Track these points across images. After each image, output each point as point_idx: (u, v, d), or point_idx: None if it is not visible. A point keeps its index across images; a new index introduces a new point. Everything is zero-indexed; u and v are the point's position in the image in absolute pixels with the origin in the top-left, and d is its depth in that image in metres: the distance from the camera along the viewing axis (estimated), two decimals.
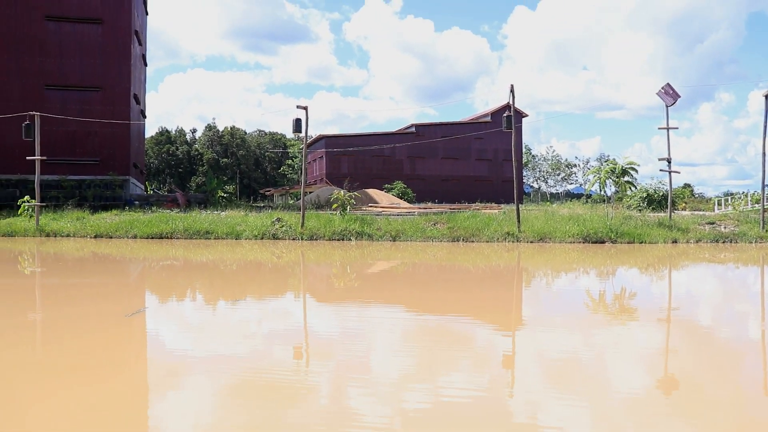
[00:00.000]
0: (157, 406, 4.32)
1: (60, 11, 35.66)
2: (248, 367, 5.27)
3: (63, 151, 33.81)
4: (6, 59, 34.89)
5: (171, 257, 16.67)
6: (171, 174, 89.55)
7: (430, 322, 7.66)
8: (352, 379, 4.92)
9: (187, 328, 7.24)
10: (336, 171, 59.69)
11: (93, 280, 12.01)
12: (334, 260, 16.15)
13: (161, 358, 5.78)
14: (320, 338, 6.73)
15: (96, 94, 35.58)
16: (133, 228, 22.61)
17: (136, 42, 39.43)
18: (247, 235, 21.70)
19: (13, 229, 23.53)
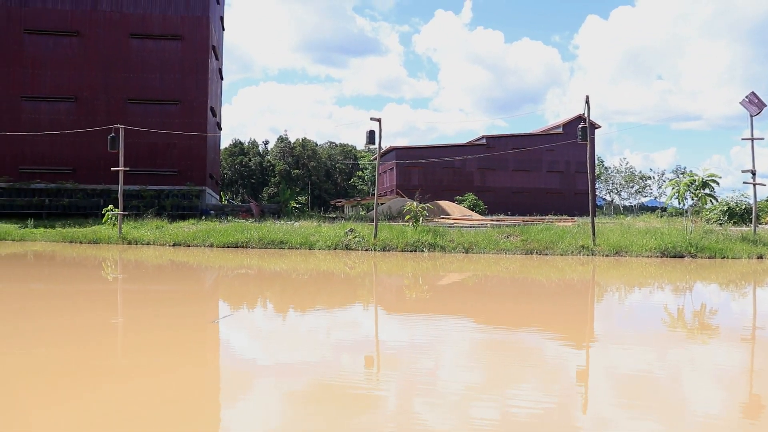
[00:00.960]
0: (227, 410, 4.41)
1: (143, 29, 37.23)
2: (317, 376, 5.30)
3: (144, 162, 35.17)
4: (94, 76, 36.66)
5: (246, 266, 17.00)
6: (244, 185, 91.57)
7: (500, 334, 7.58)
8: (420, 390, 4.90)
9: (258, 335, 7.35)
10: (406, 182, 59.91)
11: (171, 287, 12.41)
12: (406, 271, 16.20)
13: (233, 364, 5.90)
14: (389, 348, 6.73)
15: (175, 107, 36.91)
16: (210, 237, 23.30)
17: (213, 57, 40.69)
18: (320, 246, 22.02)
19: (98, 237, 24.60)
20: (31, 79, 36.87)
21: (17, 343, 6.53)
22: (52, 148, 36.45)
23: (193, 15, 37.87)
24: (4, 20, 36.99)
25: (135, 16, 37.53)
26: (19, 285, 12.32)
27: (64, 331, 7.29)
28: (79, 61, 37.11)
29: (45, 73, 36.97)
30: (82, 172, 36.41)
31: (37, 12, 37.11)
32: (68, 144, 36.15)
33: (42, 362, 5.67)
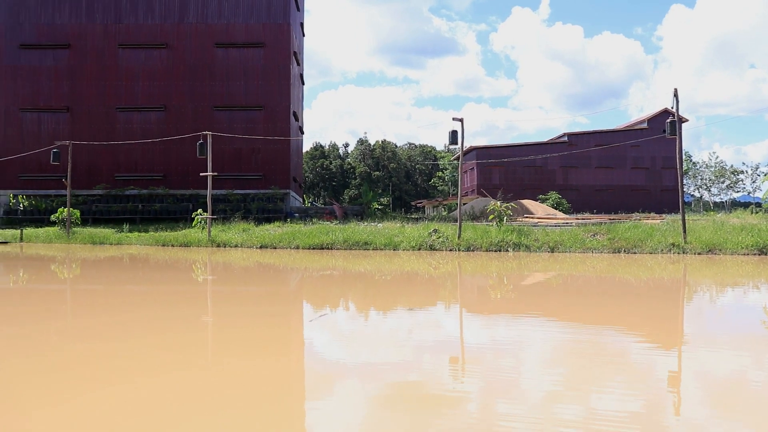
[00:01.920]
0: (311, 409, 4.48)
1: (227, 38, 38.44)
2: (397, 377, 5.27)
3: (230, 167, 36.32)
4: (181, 85, 38.13)
5: (331, 267, 17.26)
6: (325, 187, 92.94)
7: (586, 335, 7.39)
8: (502, 392, 4.83)
9: (341, 335, 7.40)
10: (487, 182, 59.51)
11: (259, 288, 12.77)
12: (491, 271, 16.11)
13: (317, 364, 5.98)
14: (472, 349, 6.66)
15: (259, 112, 37.92)
16: (296, 239, 23.83)
17: (295, 62, 41.56)
18: (404, 246, 22.18)
19: (188, 240, 25.58)
20: (125, 90, 38.70)
21: (116, 334, 6.92)
22: (144, 155, 38.13)
23: (274, 23, 38.81)
24: (100, 37, 38.94)
25: (219, 26, 38.79)
26: (119, 286, 12.96)
27: (158, 326, 7.67)
28: (167, 72, 38.69)
29: (137, 84, 38.72)
30: (172, 178, 37.93)
31: (130, 28, 38.92)
32: (159, 151, 37.73)
33: (137, 350, 6.00)
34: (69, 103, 38.88)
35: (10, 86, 39.20)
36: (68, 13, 39.37)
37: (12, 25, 39.38)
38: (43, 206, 37.71)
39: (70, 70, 39.13)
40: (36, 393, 4.69)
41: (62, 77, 39.13)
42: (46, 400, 4.50)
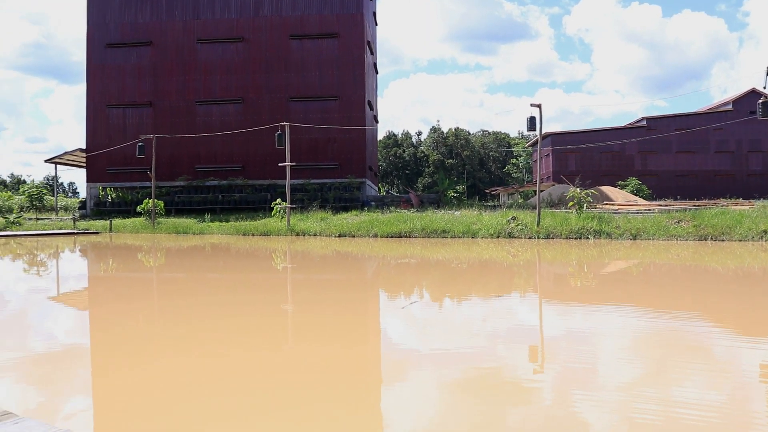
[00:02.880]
0: (386, 395, 4.48)
1: (302, 30, 38.89)
2: (472, 365, 5.20)
3: (307, 157, 36.81)
4: (258, 77, 38.87)
5: (409, 255, 17.29)
6: (398, 176, 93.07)
7: (667, 325, 7.10)
8: (578, 382, 4.69)
9: (415, 322, 7.35)
10: (563, 169, 58.32)
11: (338, 276, 12.90)
12: (571, 259, 15.81)
13: (392, 350, 5.99)
14: (548, 338, 6.50)
15: (334, 102, 38.26)
16: (373, 227, 24.01)
17: (368, 52, 41.69)
18: (482, 234, 22.04)
19: (268, 229, 26.14)
20: (204, 84, 39.72)
21: (196, 318, 7.15)
22: (223, 147, 39.09)
23: (348, 13, 39.02)
24: (180, 33, 40.08)
25: (293, 18, 39.28)
26: (202, 274, 13.37)
27: (239, 311, 7.88)
28: (244, 65, 39.47)
29: (215, 78, 39.68)
30: (251, 169, 38.77)
31: (207, 23, 39.89)
32: (237, 143, 38.59)
33: (217, 332, 6.19)
34: (151, 98, 40.21)
35: (98, 84, 40.85)
36: (149, 11, 40.65)
37: (99, 26, 40.97)
38: (129, 198, 39.24)
39: (152, 66, 40.44)
40: (129, 362, 4.90)
41: (145, 74, 40.49)
42: (140, 368, 4.69)
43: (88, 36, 41.23)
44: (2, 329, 7.09)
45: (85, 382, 4.84)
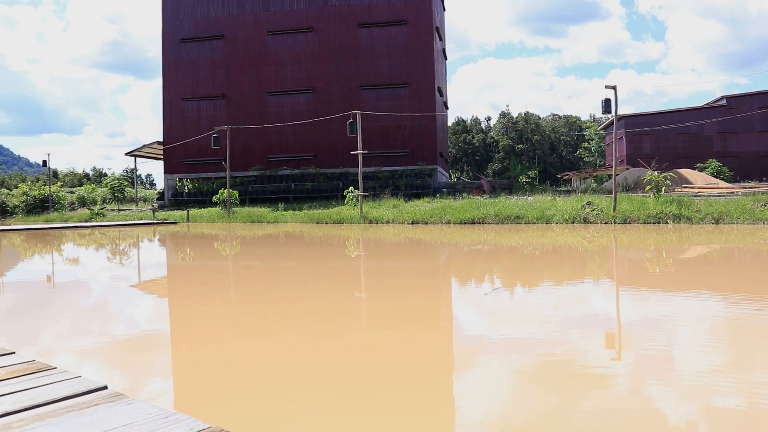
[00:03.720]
0: (458, 382, 4.43)
1: (370, 18, 38.86)
2: (544, 352, 5.08)
3: (377, 144, 36.84)
4: (328, 66, 39.12)
5: (482, 241, 17.13)
6: (468, 162, 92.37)
7: (749, 312, 6.72)
8: (653, 371, 4.48)
9: (487, 309, 7.21)
10: (636, 152, 56.56)
11: (410, 263, 12.85)
12: (649, 244, 15.30)
13: (463, 337, 5.91)
14: (623, 325, 6.25)
15: (404, 90, 38.14)
16: (446, 214, 23.88)
17: (437, 38, 41.36)
18: (557, 220, 21.65)
19: (341, 217, 26.33)
20: (275, 75, 40.24)
21: (272, 303, 7.19)
22: (295, 137, 39.55)
23: None
24: (251, 25, 40.70)
25: (362, 6, 39.29)
26: (276, 262, 13.52)
27: (313, 297, 7.90)
28: (314, 55, 39.77)
29: (286, 68, 40.13)
30: (322, 157, 39.10)
31: (277, 14, 40.35)
32: (309, 132, 38.96)
33: (290, 318, 6.20)
34: (224, 91, 41.00)
35: (173, 78, 41.95)
36: (221, 5, 41.40)
37: (173, 21, 42.05)
38: (204, 188, 40.20)
39: (224, 59, 41.21)
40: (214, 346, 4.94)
41: (218, 66, 41.30)
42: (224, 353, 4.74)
43: (164, 32, 42.35)
44: (88, 315, 7.31)
45: (170, 364, 4.97)
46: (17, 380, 2.54)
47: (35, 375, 2.61)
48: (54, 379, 2.55)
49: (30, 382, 2.52)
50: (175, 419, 2.07)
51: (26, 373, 2.64)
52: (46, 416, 2.12)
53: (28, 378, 2.57)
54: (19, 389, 2.41)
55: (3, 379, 2.56)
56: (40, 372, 2.65)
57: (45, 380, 2.53)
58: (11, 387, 2.44)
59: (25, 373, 2.64)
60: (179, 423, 2.03)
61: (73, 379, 2.52)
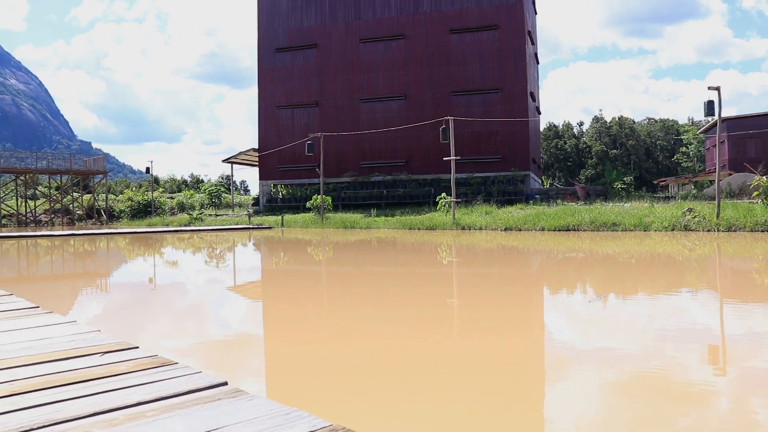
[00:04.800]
0: (548, 392, 4.31)
1: (461, 24, 38.78)
2: (637, 365, 4.85)
3: (469, 150, 36.62)
4: (420, 72, 39.26)
5: (576, 249, 16.73)
6: (560, 168, 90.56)
7: None
8: (757, 389, 4.17)
9: (578, 318, 7.04)
10: (740, 156, 53.89)
11: (503, 270, 12.68)
12: (756, 254, 14.51)
13: (554, 346, 5.76)
14: (724, 339, 5.86)
15: (495, 95, 37.80)
16: (540, 221, 23.49)
17: (529, 42, 40.80)
18: (656, 227, 20.89)
19: (433, 223, 26.30)
20: (367, 82, 40.71)
21: (364, 308, 7.20)
22: (386, 143, 39.84)
23: (507, 3, 38.36)
24: (343, 34, 41.36)
25: (453, 12, 39.23)
26: (368, 267, 13.59)
27: (404, 303, 7.86)
28: (405, 61, 39.99)
29: (378, 75, 40.52)
30: (414, 164, 39.20)
31: (369, 23, 40.85)
32: (400, 138, 39.17)
33: (381, 323, 6.18)
34: (318, 98, 41.79)
35: (268, 87, 43.12)
36: (314, 15, 42.26)
37: (268, 32, 43.27)
38: (298, 194, 41.06)
39: (317, 67, 42.02)
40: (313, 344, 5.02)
41: (311, 75, 42.14)
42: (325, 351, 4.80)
43: (259, 42, 43.59)
44: (192, 315, 7.58)
45: (274, 363, 5.06)
46: (143, 373, 2.67)
47: (159, 369, 2.73)
48: (177, 373, 2.66)
49: (155, 375, 2.63)
50: (296, 416, 2.11)
51: (151, 367, 2.76)
52: (174, 407, 2.21)
53: (153, 371, 2.69)
54: (146, 381, 2.54)
55: (131, 371, 2.70)
56: (164, 366, 2.77)
57: (169, 374, 2.64)
58: (139, 379, 2.57)
59: (149, 367, 2.77)
60: (300, 420, 2.07)
61: (195, 374, 2.63)
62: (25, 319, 4.11)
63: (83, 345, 3.24)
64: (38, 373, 2.69)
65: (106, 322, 6.91)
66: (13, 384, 2.54)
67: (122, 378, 2.60)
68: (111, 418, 2.11)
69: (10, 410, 2.20)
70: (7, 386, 2.51)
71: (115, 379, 2.59)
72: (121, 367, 2.77)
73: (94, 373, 2.67)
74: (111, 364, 2.82)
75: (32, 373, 2.70)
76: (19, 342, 3.37)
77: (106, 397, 2.33)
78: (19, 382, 2.57)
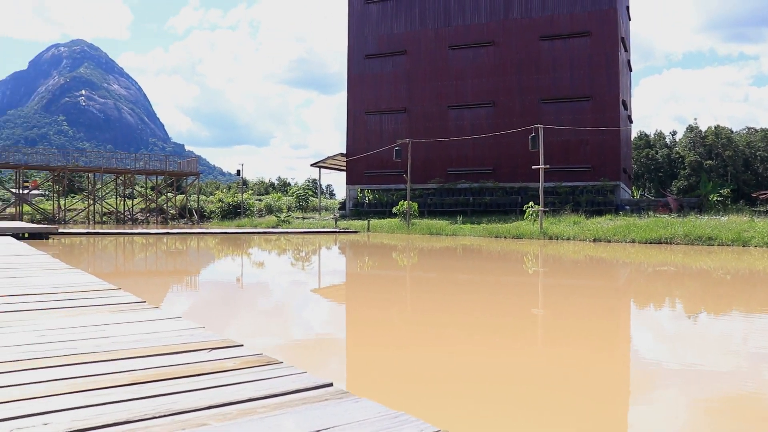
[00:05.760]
0: (633, 411, 4.21)
1: (552, 30, 38.29)
2: (729, 387, 4.66)
3: (557, 159, 36.08)
4: (508, 80, 39.01)
5: (668, 263, 16.27)
6: (650, 178, 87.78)
7: None
8: None
9: (666, 335, 6.87)
10: None
11: (590, 282, 12.49)
12: None
13: (640, 363, 5.64)
14: None
15: (586, 103, 37.11)
16: (631, 232, 22.92)
17: (622, 49, 39.89)
18: (756, 242, 20.00)
19: (520, 232, 26.07)
20: (455, 89, 40.72)
21: (448, 314, 7.29)
22: (474, 150, 39.73)
23: (600, 9, 37.61)
24: (432, 40, 41.55)
25: (543, 18, 38.78)
26: (452, 274, 13.67)
27: (488, 311, 7.92)
28: (494, 68, 39.78)
29: (466, 82, 40.48)
30: (501, 171, 38.93)
31: (458, 29, 40.88)
32: (488, 146, 38.98)
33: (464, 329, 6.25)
34: (406, 104, 42.09)
35: (358, 92, 43.77)
36: (404, 22, 42.62)
37: (358, 39, 43.93)
38: (384, 199, 41.46)
39: (406, 74, 42.34)
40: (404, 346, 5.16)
41: (400, 81, 42.50)
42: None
43: (349, 49, 44.31)
44: (281, 315, 7.92)
45: (366, 365, 5.20)
46: (250, 370, 2.74)
47: (265, 367, 2.80)
48: (282, 372, 2.71)
49: (262, 373, 2.70)
50: (404, 419, 2.13)
51: (257, 365, 2.83)
52: (284, 405, 2.27)
53: (259, 369, 2.76)
54: (254, 379, 2.61)
55: (238, 368, 2.78)
56: (269, 365, 2.84)
57: (274, 373, 2.70)
58: (247, 376, 2.65)
59: (255, 365, 2.84)
60: (408, 424, 2.09)
61: (301, 374, 2.68)
62: (133, 313, 4.34)
63: (190, 341, 3.38)
64: (153, 365, 2.82)
65: (206, 319, 7.29)
66: (132, 374, 2.67)
67: (230, 374, 2.68)
68: (225, 412, 2.19)
69: (132, 398, 2.33)
70: (127, 375, 2.64)
71: (223, 375, 2.67)
72: (229, 363, 2.86)
73: (204, 368, 2.76)
74: (218, 361, 2.92)
75: (147, 364, 2.84)
76: (131, 334, 3.56)
77: (218, 392, 2.42)
78: (138, 372, 2.70)
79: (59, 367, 2.77)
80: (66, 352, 3.07)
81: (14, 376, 2.63)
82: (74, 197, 54.31)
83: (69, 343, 3.29)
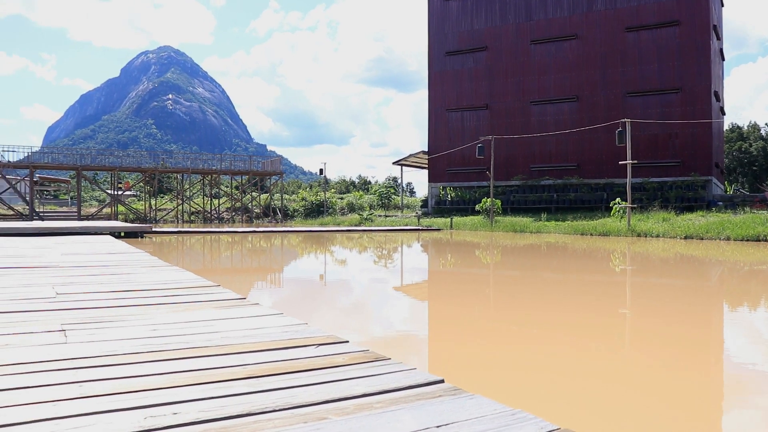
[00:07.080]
0: (723, 417, 4.08)
1: (638, 21, 37.22)
2: None
3: (644, 154, 35.07)
4: (592, 74, 38.18)
5: (766, 261, 15.63)
6: (744, 173, 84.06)
7: None
8: None
9: (758, 339, 6.61)
10: None
11: (680, 281, 12.13)
12: None
13: (733, 368, 5.41)
14: None
15: (675, 95, 35.92)
16: (725, 229, 22.09)
17: (714, 37, 38.34)
18: None
19: (606, 229, 25.53)
20: (537, 84, 40.16)
21: (531, 311, 7.29)
22: (557, 146, 39.10)
23: None
24: (513, 35, 41.10)
25: (628, 9, 37.71)
26: (537, 272, 13.56)
27: (571, 310, 7.85)
28: (578, 62, 38.99)
29: (548, 77, 39.84)
30: (586, 167, 38.16)
31: (540, 23, 40.27)
32: (572, 141, 38.28)
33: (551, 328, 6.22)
34: (487, 101, 41.80)
35: (438, 90, 43.77)
36: (484, 18, 42.31)
37: (438, 36, 43.90)
38: (467, 197, 41.33)
39: (487, 70, 42.04)
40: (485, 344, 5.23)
41: (481, 77, 42.24)
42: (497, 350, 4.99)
43: (429, 46, 44.34)
44: (367, 311, 8.06)
45: (465, 362, 5.25)
46: (360, 366, 2.79)
47: (373, 363, 2.84)
48: (391, 368, 2.75)
49: (372, 369, 2.75)
50: (522, 417, 2.13)
51: (365, 361, 2.88)
52: (399, 401, 2.30)
53: (368, 365, 2.81)
54: (365, 374, 2.66)
55: (347, 364, 2.84)
56: (377, 361, 2.88)
57: (384, 369, 2.74)
58: (357, 372, 2.70)
59: (364, 361, 2.89)
60: (527, 421, 2.09)
61: (410, 371, 2.71)
62: (236, 309, 4.50)
63: (296, 336, 3.46)
64: (264, 360, 2.91)
65: (305, 315, 7.55)
66: (246, 368, 2.75)
67: (341, 370, 2.73)
68: (342, 407, 2.22)
69: (249, 392, 2.40)
70: (241, 369, 2.72)
71: (335, 370, 2.73)
72: (338, 359, 2.91)
73: (314, 364, 2.83)
74: (328, 356, 2.98)
75: (259, 359, 2.92)
76: (238, 330, 3.67)
77: (332, 387, 2.47)
78: (251, 366, 2.77)
79: (177, 360, 2.92)
80: (180, 346, 3.23)
81: (138, 367, 2.79)
82: (163, 197, 56.72)
83: (181, 338, 3.47)
